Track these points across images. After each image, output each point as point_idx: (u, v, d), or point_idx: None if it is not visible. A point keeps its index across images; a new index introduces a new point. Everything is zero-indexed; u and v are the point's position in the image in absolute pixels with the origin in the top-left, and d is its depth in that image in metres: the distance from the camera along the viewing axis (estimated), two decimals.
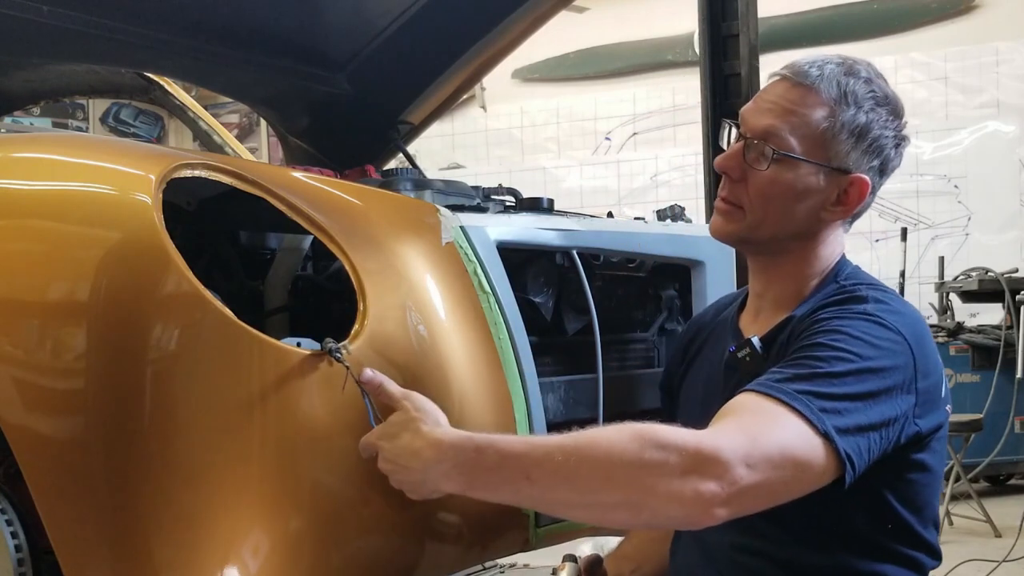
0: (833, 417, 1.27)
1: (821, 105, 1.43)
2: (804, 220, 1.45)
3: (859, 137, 1.43)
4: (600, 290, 2.10)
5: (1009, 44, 6.99)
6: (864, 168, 1.45)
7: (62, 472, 1.36)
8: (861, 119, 1.43)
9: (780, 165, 1.43)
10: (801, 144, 1.42)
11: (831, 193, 1.45)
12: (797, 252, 1.48)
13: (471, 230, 1.77)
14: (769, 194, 1.44)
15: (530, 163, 8.36)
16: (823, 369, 1.30)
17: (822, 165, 1.43)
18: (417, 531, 1.58)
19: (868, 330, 1.35)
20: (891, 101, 1.47)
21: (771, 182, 1.43)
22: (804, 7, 7.44)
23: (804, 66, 1.45)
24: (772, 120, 1.44)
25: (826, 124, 1.42)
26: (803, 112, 1.43)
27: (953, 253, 6.84)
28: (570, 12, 5.98)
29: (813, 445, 1.25)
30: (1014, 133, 6.95)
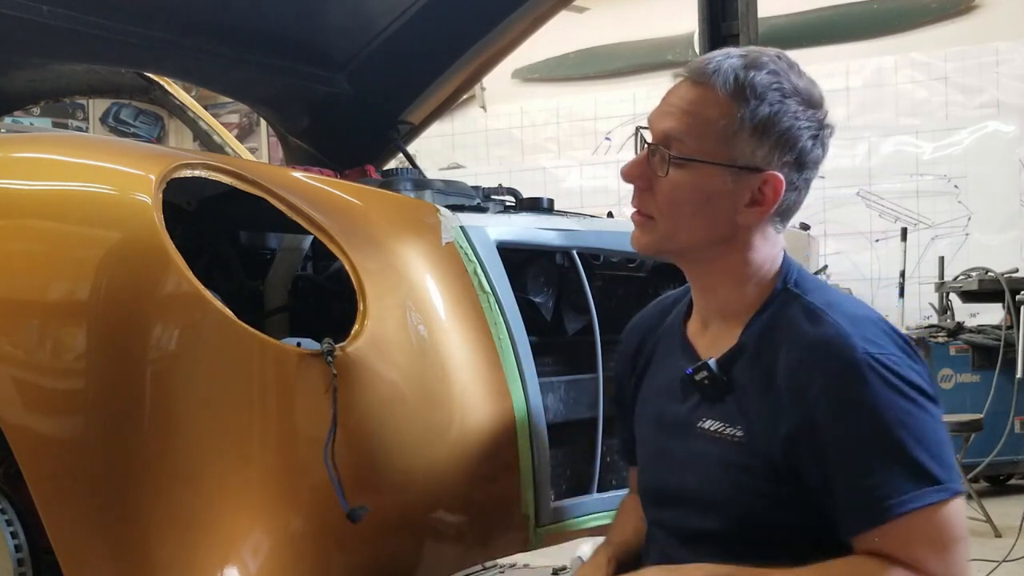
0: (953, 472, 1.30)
1: (718, 103, 1.35)
2: (720, 224, 1.38)
3: (764, 132, 1.34)
4: (600, 290, 2.09)
5: (1009, 44, 6.98)
6: (776, 164, 1.35)
7: (62, 472, 1.36)
8: (764, 112, 1.34)
9: (681, 169, 1.36)
10: (701, 145, 1.35)
11: (743, 194, 1.36)
12: (725, 258, 1.41)
13: (471, 230, 1.77)
14: (675, 200, 1.37)
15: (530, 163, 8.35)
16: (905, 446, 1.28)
17: (725, 165, 1.35)
18: (417, 531, 1.58)
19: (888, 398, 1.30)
20: (802, 91, 1.37)
21: (674, 187, 1.37)
22: (804, 7, 7.43)
23: (702, 63, 1.38)
24: (671, 123, 1.37)
25: (724, 122, 1.34)
26: (700, 111, 1.36)
27: (953, 253, 6.83)
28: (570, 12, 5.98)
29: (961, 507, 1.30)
30: (1014, 133, 6.94)
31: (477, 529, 1.64)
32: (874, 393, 1.28)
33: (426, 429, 1.57)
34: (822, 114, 1.40)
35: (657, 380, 1.54)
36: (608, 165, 8.05)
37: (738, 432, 1.38)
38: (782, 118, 1.35)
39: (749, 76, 1.35)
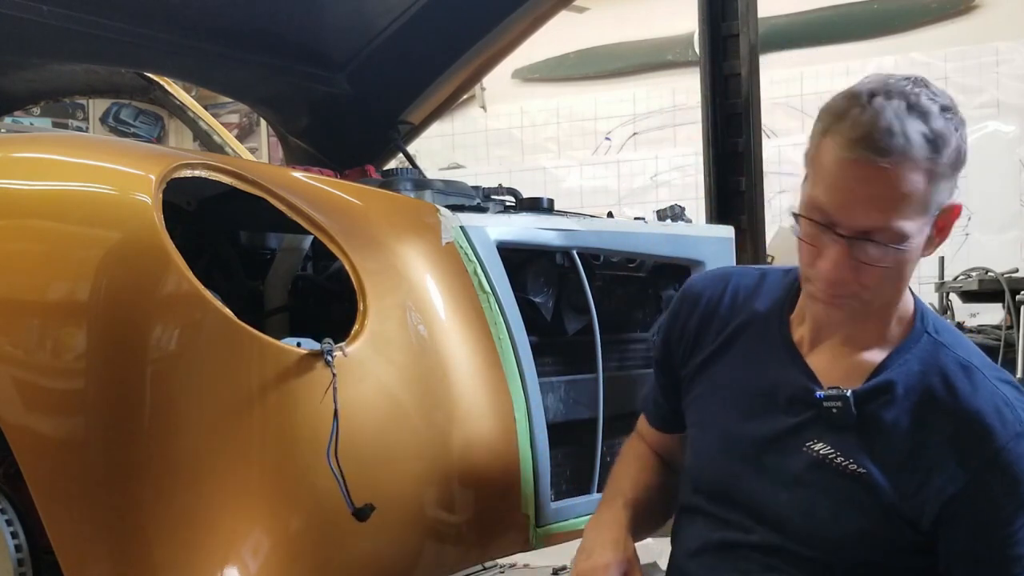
0: None
1: (918, 170, 1.24)
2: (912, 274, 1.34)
3: (955, 170, 1.28)
4: (600, 290, 2.09)
5: (1009, 44, 6.99)
6: (953, 192, 1.30)
7: (62, 472, 1.36)
8: (952, 155, 1.26)
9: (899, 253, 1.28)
10: (913, 223, 1.26)
11: (931, 234, 1.32)
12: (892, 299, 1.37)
13: (471, 230, 1.77)
14: (890, 279, 1.31)
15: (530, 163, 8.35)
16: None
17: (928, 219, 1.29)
18: (417, 531, 1.58)
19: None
20: (952, 106, 1.30)
21: (891, 270, 1.30)
22: (804, 7, 7.42)
23: (886, 139, 1.23)
24: (877, 215, 1.25)
25: (928, 187, 1.25)
26: (905, 192, 1.25)
27: (953, 253, 6.83)
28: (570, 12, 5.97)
29: None
30: (1014, 133, 6.94)
31: (477, 529, 1.64)
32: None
33: (426, 429, 1.57)
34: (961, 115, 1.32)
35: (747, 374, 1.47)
36: (608, 165, 8.05)
37: (860, 468, 1.35)
38: (963, 147, 1.29)
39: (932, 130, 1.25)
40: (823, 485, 1.37)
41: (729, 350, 1.50)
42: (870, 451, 1.35)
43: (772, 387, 1.44)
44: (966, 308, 5.86)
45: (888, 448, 1.35)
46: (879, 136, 1.24)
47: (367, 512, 1.44)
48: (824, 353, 1.42)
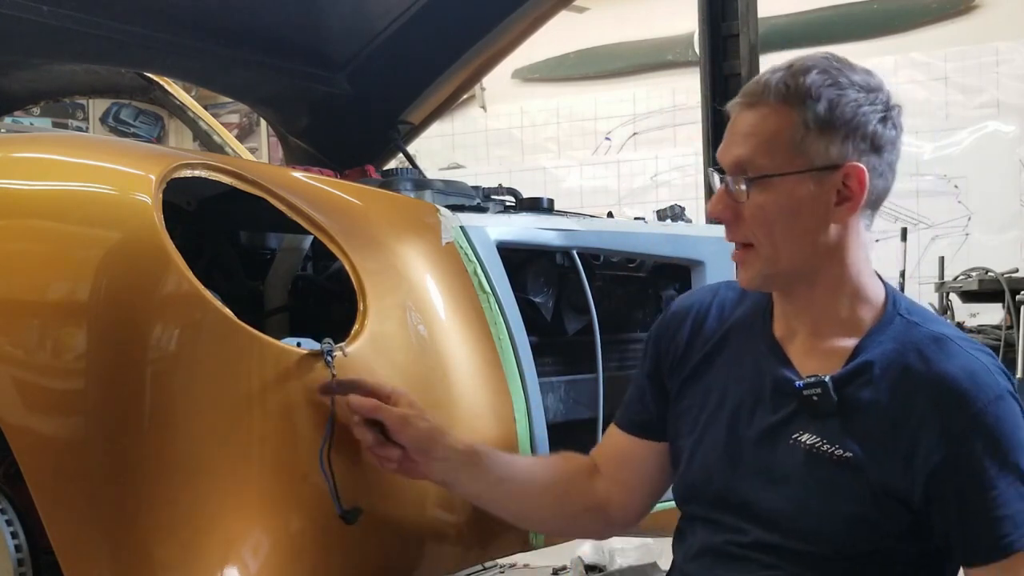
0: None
1: (777, 115, 1.36)
2: (816, 233, 1.38)
3: (830, 127, 1.35)
4: (600, 290, 2.09)
5: (1009, 44, 6.98)
6: (853, 154, 1.36)
7: (62, 472, 1.36)
8: (823, 109, 1.34)
9: (762, 189, 1.36)
10: (774, 160, 1.36)
11: (829, 195, 1.36)
12: (829, 268, 1.40)
13: (471, 230, 1.77)
14: (765, 221, 1.37)
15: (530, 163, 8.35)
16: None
17: (803, 171, 1.36)
18: (417, 531, 1.58)
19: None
20: (856, 80, 1.37)
21: (761, 209, 1.37)
22: (804, 7, 7.43)
23: (751, 85, 1.39)
24: (738, 150, 1.38)
25: (789, 131, 1.35)
26: (763, 129, 1.37)
27: (953, 253, 6.83)
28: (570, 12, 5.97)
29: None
30: (1014, 133, 6.94)
31: (477, 529, 1.64)
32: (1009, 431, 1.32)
33: None
34: (884, 95, 1.40)
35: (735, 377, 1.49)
36: (608, 165, 8.05)
37: (846, 453, 1.36)
38: (844, 109, 1.35)
39: (799, 81, 1.36)
40: (814, 476, 1.38)
41: (718, 357, 1.53)
42: (854, 433, 1.37)
43: (759, 385, 1.46)
44: (966, 308, 5.86)
45: (871, 427, 1.36)
46: (748, 85, 1.41)
47: (355, 515, 1.44)
48: (800, 345, 1.45)
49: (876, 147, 1.39)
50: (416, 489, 1.55)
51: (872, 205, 1.42)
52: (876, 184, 1.39)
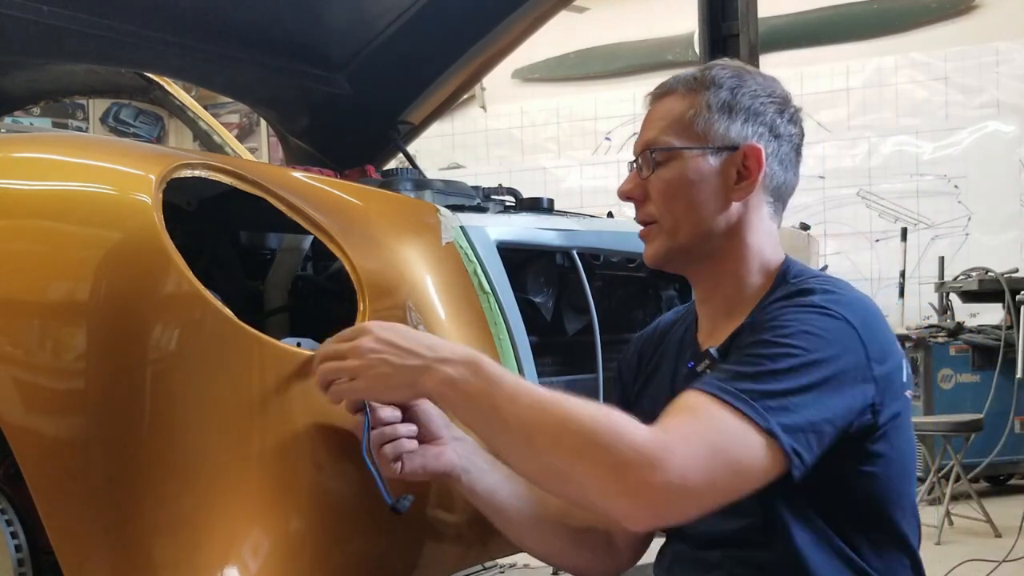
0: (779, 415, 1.25)
1: (681, 99, 1.46)
2: (715, 209, 1.44)
3: (730, 110, 1.44)
4: (600, 290, 2.10)
5: (1009, 44, 6.99)
6: (752, 137, 1.44)
7: (62, 472, 1.36)
8: (725, 95, 1.44)
9: (665, 166, 1.45)
10: (677, 139, 1.45)
11: (729, 173, 1.44)
12: (730, 248, 1.46)
13: (471, 230, 1.77)
14: (667, 195, 1.45)
15: (530, 163, 8.36)
16: (767, 366, 1.29)
17: (705, 147, 1.44)
18: (417, 531, 1.58)
19: (813, 321, 1.33)
20: (757, 77, 1.48)
21: (664, 183, 1.45)
22: (804, 7, 7.44)
23: (663, 81, 1.51)
24: (647, 135, 1.48)
25: (692, 112, 1.45)
26: (668, 114, 1.47)
27: (953, 253, 6.84)
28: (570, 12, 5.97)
29: (757, 446, 1.24)
30: (1014, 133, 6.95)
31: (477, 529, 1.64)
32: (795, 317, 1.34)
33: None
34: (783, 92, 1.49)
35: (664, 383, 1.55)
36: (608, 165, 8.06)
37: None
38: (743, 96, 1.45)
39: (705, 73, 1.47)
40: None
41: (654, 378, 1.59)
42: None
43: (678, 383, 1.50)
44: (966, 308, 5.87)
45: None
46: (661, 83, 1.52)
47: (405, 504, 1.43)
48: (712, 331, 1.50)
49: (775, 134, 1.47)
50: (416, 489, 1.55)
51: (774, 193, 1.48)
52: (775, 169, 1.46)
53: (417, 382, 1.34)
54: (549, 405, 1.27)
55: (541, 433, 1.26)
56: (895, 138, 7.18)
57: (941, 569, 3.74)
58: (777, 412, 1.26)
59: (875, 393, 1.34)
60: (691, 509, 1.25)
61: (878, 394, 1.34)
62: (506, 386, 1.30)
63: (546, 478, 1.32)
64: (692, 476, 1.21)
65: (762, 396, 1.26)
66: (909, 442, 1.43)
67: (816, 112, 7.31)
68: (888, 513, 1.41)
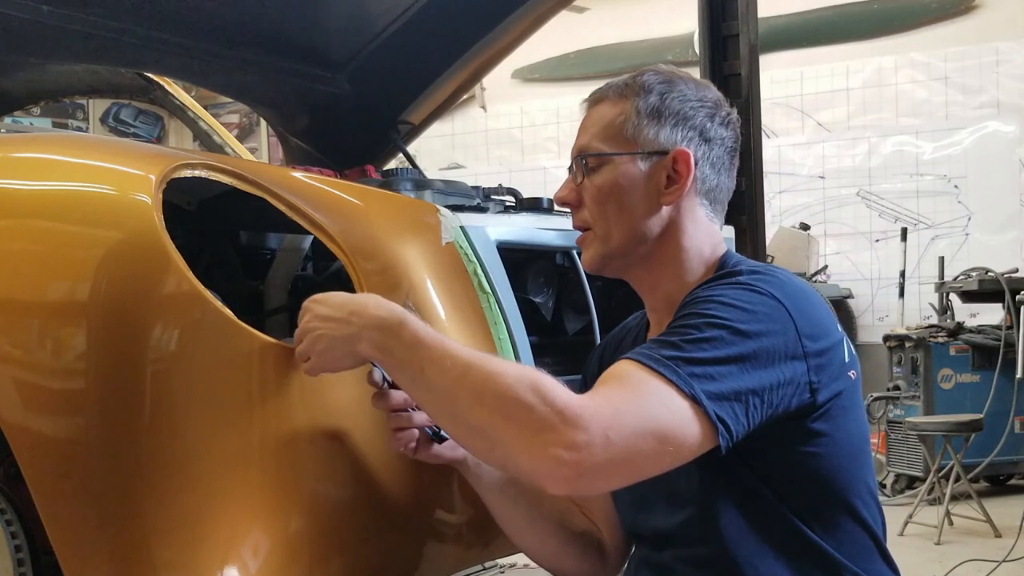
0: (703, 382, 1.25)
1: (612, 106, 1.48)
2: (647, 213, 1.45)
3: (659, 116, 1.45)
4: (600, 290, 2.10)
5: (1009, 44, 6.99)
6: (681, 141, 1.45)
7: (62, 472, 1.36)
8: (654, 100, 1.45)
9: (597, 172, 1.46)
10: (607, 145, 1.46)
11: (659, 177, 1.44)
12: (664, 251, 1.46)
13: (471, 230, 1.77)
14: (599, 200, 1.46)
15: (530, 163, 8.36)
16: (692, 336, 1.28)
17: (633, 153, 1.45)
18: (417, 531, 1.58)
19: (739, 296, 1.33)
20: (688, 82, 1.49)
21: (596, 189, 1.46)
22: (804, 7, 7.43)
23: (598, 87, 1.51)
24: (581, 141, 1.49)
25: (621, 118, 1.46)
26: (599, 120, 1.48)
27: (953, 253, 6.84)
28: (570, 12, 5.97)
29: (682, 412, 1.23)
30: (1014, 133, 6.95)
31: (477, 529, 1.64)
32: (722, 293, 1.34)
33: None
34: (713, 95, 1.50)
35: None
36: None
37: None
38: (672, 101, 1.46)
39: (635, 79, 1.48)
40: None
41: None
42: None
43: None
44: (966, 308, 5.87)
45: None
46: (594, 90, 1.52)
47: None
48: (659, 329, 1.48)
49: (705, 138, 1.47)
50: (417, 489, 1.55)
51: (708, 195, 1.48)
52: (707, 173, 1.47)
53: (355, 351, 1.36)
54: (473, 365, 1.27)
55: (464, 393, 1.26)
56: (895, 138, 7.18)
57: (941, 569, 3.74)
58: (702, 379, 1.25)
59: (808, 370, 1.33)
60: (615, 474, 1.23)
61: (813, 372, 1.33)
62: (432, 348, 1.30)
63: (472, 441, 1.31)
64: (615, 438, 1.19)
65: (687, 363, 1.25)
66: (857, 423, 1.42)
67: (816, 112, 7.30)
68: (843, 496, 1.39)
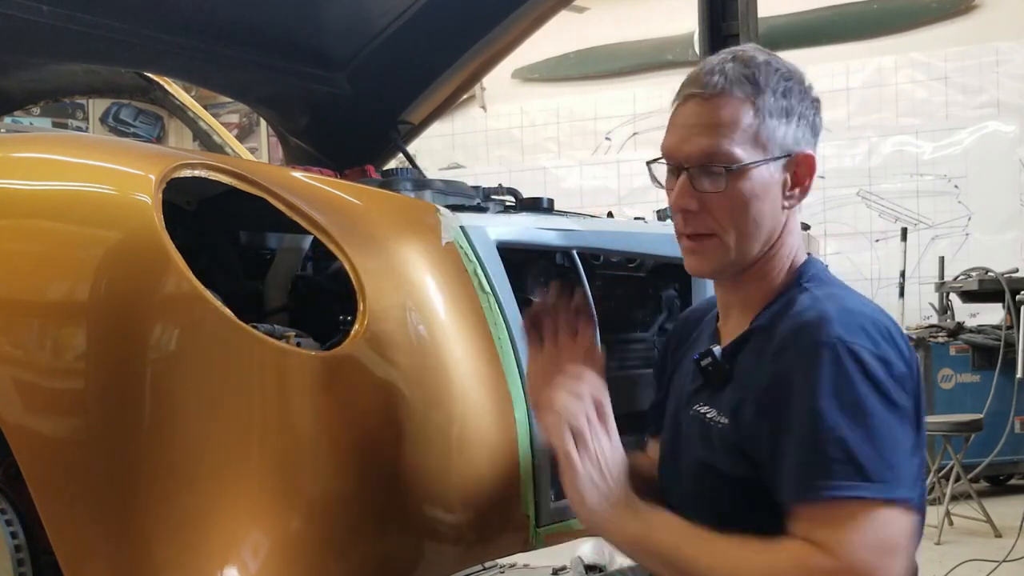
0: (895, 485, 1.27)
1: (741, 105, 1.40)
2: (774, 219, 1.43)
3: (787, 116, 1.41)
4: (600, 290, 2.09)
5: (1009, 44, 6.99)
6: (802, 142, 1.43)
7: (62, 472, 1.36)
8: (780, 99, 1.41)
9: (734, 178, 1.39)
10: (742, 150, 1.39)
11: (785, 180, 1.42)
12: (771, 255, 1.45)
13: (471, 230, 1.77)
14: (735, 209, 1.40)
15: (530, 163, 8.36)
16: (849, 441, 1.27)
17: (769, 159, 1.40)
18: (417, 531, 1.58)
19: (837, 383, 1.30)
20: (792, 70, 1.45)
21: (733, 198, 1.40)
22: (804, 7, 7.44)
23: (707, 77, 1.42)
24: (705, 141, 1.40)
25: (755, 120, 1.40)
26: (727, 120, 1.40)
27: (953, 253, 6.84)
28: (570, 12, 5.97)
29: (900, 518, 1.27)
30: (1014, 133, 6.95)
31: (477, 529, 1.64)
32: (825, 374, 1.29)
33: (426, 429, 1.57)
34: (807, 80, 1.47)
35: (685, 366, 1.57)
36: (608, 165, 8.06)
37: (724, 420, 1.40)
38: (793, 98, 1.42)
39: (754, 73, 1.41)
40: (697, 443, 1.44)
41: (684, 358, 1.60)
42: (733, 400, 1.40)
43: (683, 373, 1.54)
44: (966, 308, 5.87)
45: (748, 391, 1.38)
46: (702, 77, 1.42)
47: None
48: (730, 327, 1.50)
49: (815, 133, 1.45)
50: (417, 489, 1.55)
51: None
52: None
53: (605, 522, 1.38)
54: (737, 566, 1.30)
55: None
56: (895, 138, 7.18)
57: (941, 569, 3.74)
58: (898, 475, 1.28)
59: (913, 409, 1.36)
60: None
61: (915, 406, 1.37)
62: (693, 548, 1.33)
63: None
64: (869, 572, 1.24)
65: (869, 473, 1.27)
66: None
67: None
68: None
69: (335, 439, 1.46)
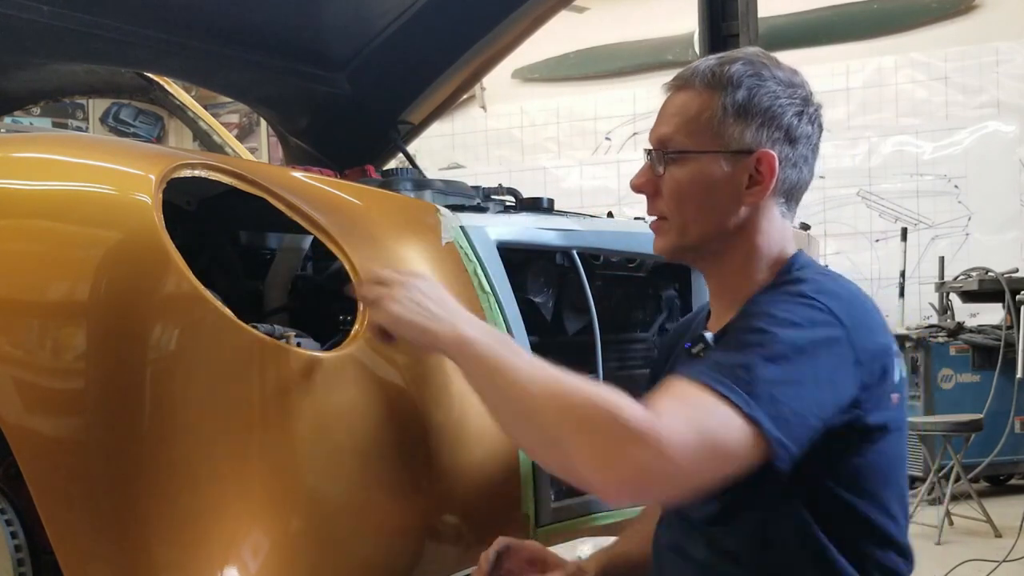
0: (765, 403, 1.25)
1: (700, 98, 1.44)
2: (727, 212, 1.44)
3: (747, 114, 1.42)
4: (600, 290, 2.09)
5: (1009, 44, 6.99)
6: (766, 142, 1.42)
7: (62, 472, 1.36)
8: (742, 95, 1.42)
9: (679, 165, 1.44)
10: (692, 139, 1.43)
11: (741, 177, 1.43)
12: (738, 247, 1.46)
13: (471, 230, 1.77)
14: (679, 195, 1.44)
15: (530, 163, 8.36)
16: (752, 353, 1.29)
17: (718, 152, 1.42)
18: (417, 531, 1.58)
19: (798, 311, 1.33)
20: (778, 75, 1.45)
21: (676, 183, 1.44)
22: (804, 7, 7.44)
23: (682, 71, 1.48)
24: (663, 129, 1.46)
25: (708, 113, 1.43)
26: (686, 110, 1.45)
27: (953, 253, 6.84)
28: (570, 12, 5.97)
29: (741, 431, 1.24)
30: (1014, 133, 6.95)
31: (477, 529, 1.64)
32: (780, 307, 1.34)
33: (426, 429, 1.57)
34: (803, 91, 1.47)
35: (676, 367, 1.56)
36: (608, 165, 8.06)
37: None
38: (762, 98, 1.43)
39: (724, 69, 1.44)
40: None
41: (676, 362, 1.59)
42: None
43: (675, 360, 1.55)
44: (966, 308, 5.87)
45: None
46: (680, 71, 1.49)
47: None
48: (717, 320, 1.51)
49: (790, 138, 1.44)
50: (417, 489, 1.55)
51: (786, 194, 1.47)
52: (788, 174, 1.45)
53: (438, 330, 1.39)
54: (551, 380, 1.31)
55: (544, 405, 1.29)
56: (895, 138, 7.18)
57: (941, 569, 3.74)
58: (764, 401, 1.26)
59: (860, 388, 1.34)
60: (671, 489, 1.27)
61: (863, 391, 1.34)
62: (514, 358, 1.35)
63: (538, 447, 1.34)
64: (678, 457, 1.21)
65: (746, 383, 1.26)
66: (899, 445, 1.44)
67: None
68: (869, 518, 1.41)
69: (335, 439, 1.46)
